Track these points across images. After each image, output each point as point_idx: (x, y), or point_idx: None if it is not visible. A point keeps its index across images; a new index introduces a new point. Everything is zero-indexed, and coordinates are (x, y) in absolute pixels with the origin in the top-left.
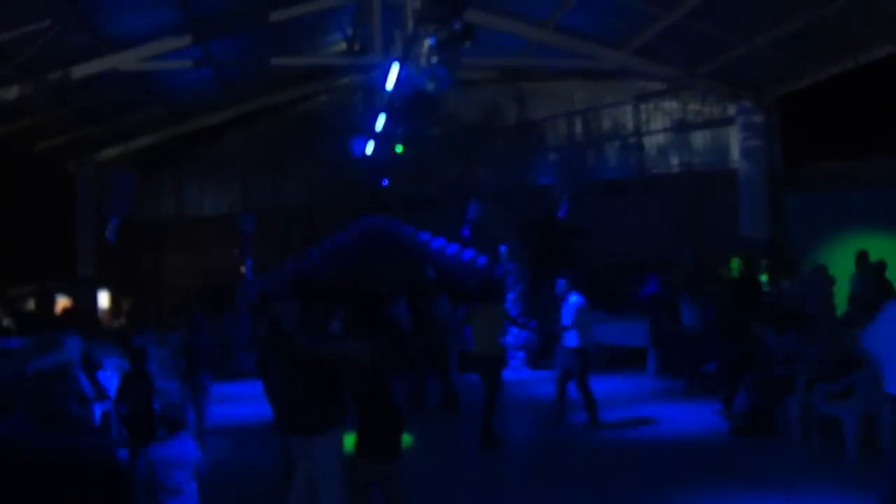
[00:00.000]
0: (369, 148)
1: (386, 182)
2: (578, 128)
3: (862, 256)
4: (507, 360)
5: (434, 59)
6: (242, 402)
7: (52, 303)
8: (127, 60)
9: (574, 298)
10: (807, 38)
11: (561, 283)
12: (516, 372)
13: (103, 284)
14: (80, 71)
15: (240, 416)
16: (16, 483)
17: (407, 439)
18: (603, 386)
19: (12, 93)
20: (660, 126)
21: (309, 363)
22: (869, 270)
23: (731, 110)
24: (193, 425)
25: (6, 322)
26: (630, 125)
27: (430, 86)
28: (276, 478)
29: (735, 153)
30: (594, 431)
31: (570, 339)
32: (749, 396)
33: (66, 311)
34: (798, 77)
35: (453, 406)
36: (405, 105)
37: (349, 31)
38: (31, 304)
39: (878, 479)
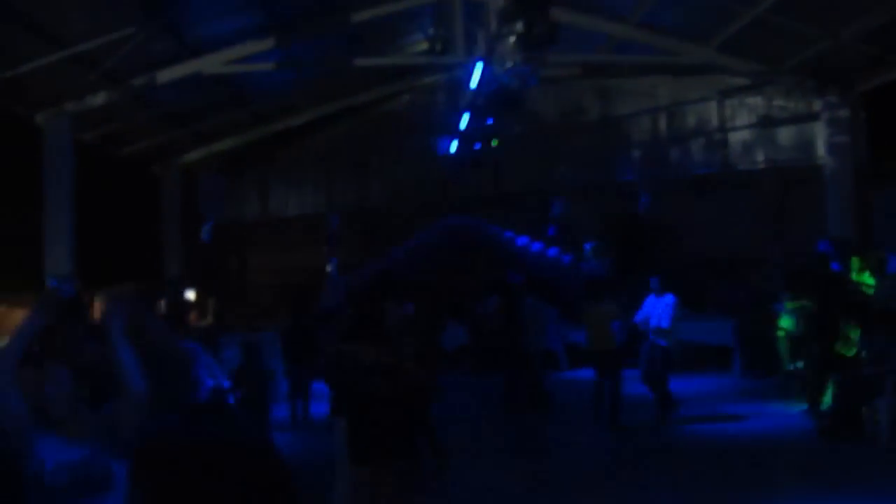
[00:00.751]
0: (453, 147)
1: (468, 180)
2: (662, 124)
3: None
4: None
5: (518, 58)
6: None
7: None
8: (211, 64)
9: (670, 298)
10: (894, 30)
11: (655, 282)
12: None
13: (190, 285)
14: (164, 76)
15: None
16: (183, 479)
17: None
18: (688, 385)
19: (99, 99)
20: (744, 122)
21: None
22: None
23: (817, 105)
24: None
25: None
26: (714, 121)
27: (514, 84)
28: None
29: (821, 149)
30: (674, 430)
31: (663, 338)
32: (837, 397)
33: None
34: (885, 70)
35: (543, 404)
36: (489, 103)
37: (431, 31)
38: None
39: None
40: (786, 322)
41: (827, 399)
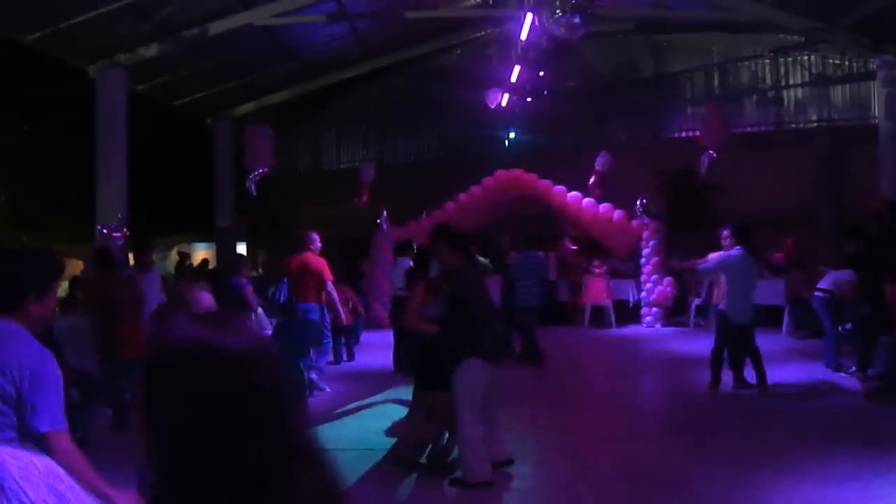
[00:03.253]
0: (504, 100)
1: (517, 134)
2: (715, 81)
3: None
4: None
5: (567, 7)
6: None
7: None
8: (261, 16)
9: (737, 251)
10: None
11: (725, 233)
12: (649, 328)
13: (241, 237)
14: (216, 27)
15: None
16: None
17: None
18: None
19: (151, 50)
20: (798, 80)
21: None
22: None
23: (873, 64)
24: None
25: None
26: (768, 79)
27: (564, 35)
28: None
29: (876, 108)
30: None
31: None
32: (885, 359)
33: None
34: None
35: (536, 359)
36: (539, 55)
37: None
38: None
39: None
40: None
41: (874, 361)
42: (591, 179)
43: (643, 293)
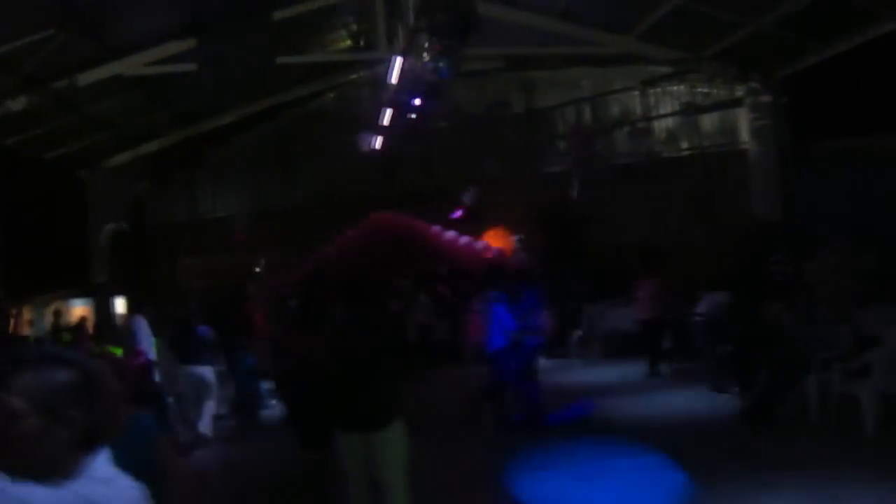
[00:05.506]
0: (377, 143)
1: (395, 175)
2: (587, 115)
3: None
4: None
5: (434, 51)
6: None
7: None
8: (131, 66)
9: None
10: (813, 15)
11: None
12: None
13: (119, 291)
14: (85, 78)
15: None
16: None
17: None
18: (616, 372)
19: (19, 103)
20: (668, 110)
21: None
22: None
23: (740, 91)
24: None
25: None
26: (638, 110)
27: (432, 77)
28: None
29: (745, 134)
30: (601, 416)
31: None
32: (765, 378)
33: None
34: (805, 55)
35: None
36: (410, 98)
37: (354, 27)
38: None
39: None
40: None
41: (755, 381)
42: (456, 212)
43: None
